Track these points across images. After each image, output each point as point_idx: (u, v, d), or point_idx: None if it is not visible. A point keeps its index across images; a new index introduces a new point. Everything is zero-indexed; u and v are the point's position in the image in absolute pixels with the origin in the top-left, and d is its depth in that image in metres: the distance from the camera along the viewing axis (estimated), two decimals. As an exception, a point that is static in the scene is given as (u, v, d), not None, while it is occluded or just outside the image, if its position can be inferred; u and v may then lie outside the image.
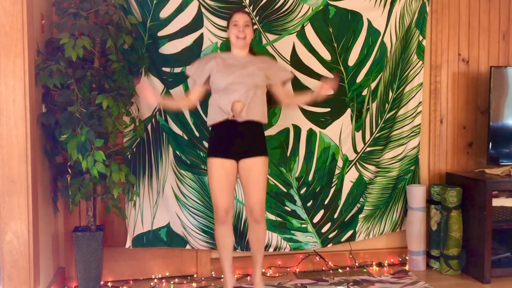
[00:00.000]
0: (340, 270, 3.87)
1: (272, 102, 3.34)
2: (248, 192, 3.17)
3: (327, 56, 3.66)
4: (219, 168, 3.11)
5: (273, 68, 3.27)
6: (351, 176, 3.82)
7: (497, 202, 3.67)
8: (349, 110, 3.75)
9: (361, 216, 3.88)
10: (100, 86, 3.15)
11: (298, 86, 3.63)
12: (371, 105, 3.80)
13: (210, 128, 3.23)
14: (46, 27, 3.21)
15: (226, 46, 3.45)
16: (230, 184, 3.15)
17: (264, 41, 3.56)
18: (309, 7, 3.60)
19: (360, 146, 3.82)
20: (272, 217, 3.70)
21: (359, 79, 3.74)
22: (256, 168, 3.14)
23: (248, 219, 3.27)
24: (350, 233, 3.87)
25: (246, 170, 3.15)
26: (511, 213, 3.73)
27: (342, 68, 3.70)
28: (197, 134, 3.54)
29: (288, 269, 3.84)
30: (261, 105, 3.16)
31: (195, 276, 3.73)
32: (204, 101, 3.47)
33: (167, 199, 3.57)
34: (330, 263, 3.91)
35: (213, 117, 3.15)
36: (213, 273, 3.72)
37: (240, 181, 3.24)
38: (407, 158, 3.94)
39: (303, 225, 3.77)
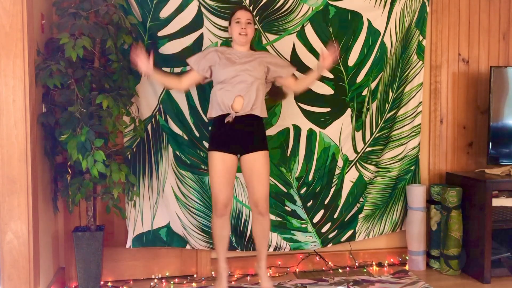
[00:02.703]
0: (340, 270, 3.87)
1: (280, 94, 3.39)
2: (252, 186, 3.19)
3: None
4: (220, 162, 3.13)
5: (277, 63, 3.28)
6: (351, 176, 3.82)
7: (497, 202, 3.67)
8: (349, 110, 3.75)
9: (361, 216, 3.88)
10: (100, 86, 3.15)
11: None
12: (371, 105, 3.80)
13: (211, 121, 3.24)
14: (46, 27, 3.21)
15: (225, 45, 3.44)
16: (230, 178, 3.17)
17: (264, 41, 3.56)
18: (309, 7, 3.61)
19: (360, 146, 3.82)
20: (272, 217, 3.69)
21: (359, 79, 3.74)
22: (258, 162, 3.16)
23: (252, 212, 3.27)
24: (350, 233, 3.87)
25: (249, 165, 3.16)
26: (511, 213, 3.73)
27: (342, 68, 3.70)
28: (197, 134, 3.54)
29: (288, 269, 3.84)
30: (261, 99, 3.17)
31: (195, 276, 3.73)
32: (204, 99, 3.48)
33: (167, 199, 3.57)
34: (330, 263, 3.91)
35: (213, 111, 3.16)
36: (213, 273, 3.72)
37: (244, 177, 3.25)
38: (407, 158, 3.94)
39: (303, 225, 3.77)
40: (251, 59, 3.15)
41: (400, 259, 4.03)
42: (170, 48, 3.43)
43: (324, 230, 3.81)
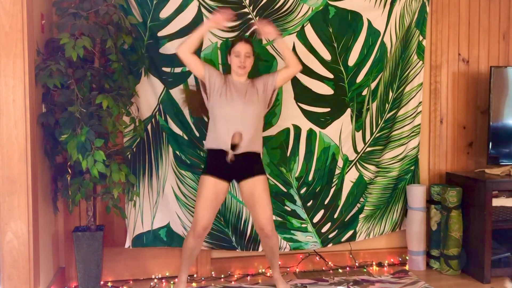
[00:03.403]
0: (340, 270, 3.87)
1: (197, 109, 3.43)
2: (255, 211, 3.21)
3: (327, 56, 3.66)
4: (211, 187, 3.14)
5: (268, 76, 3.27)
6: (351, 176, 3.82)
7: (497, 202, 3.67)
8: (349, 110, 3.75)
9: (361, 216, 3.88)
10: (100, 86, 3.15)
11: (298, 86, 3.64)
12: (371, 105, 3.80)
13: (207, 151, 3.25)
14: (46, 27, 3.21)
15: (226, 46, 3.45)
16: (217, 205, 3.19)
17: (264, 41, 3.56)
18: (309, 7, 3.60)
19: (360, 146, 3.82)
20: (272, 217, 3.70)
21: (359, 79, 3.74)
22: (258, 187, 3.18)
23: (259, 235, 3.30)
24: (350, 233, 3.87)
25: (249, 191, 3.19)
26: (511, 213, 3.73)
27: (342, 68, 3.70)
28: (197, 134, 3.55)
29: (288, 269, 3.84)
30: (259, 136, 3.22)
31: (195, 276, 3.73)
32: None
33: (167, 199, 3.57)
34: (330, 263, 3.91)
35: (210, 143, 3.19)
36: (213, 273, 3.72)
37: (244, 202, 3.28)
38: (407, 158, 3.94)
39: (303, 225, 3.77)
40: (249, 94, 3.16)
41: (400, 259, 4.03)
42: (170, 48, 3.43)
43: (324, 230, 3.81)
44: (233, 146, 3.12)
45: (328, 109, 3.72)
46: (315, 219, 3.78)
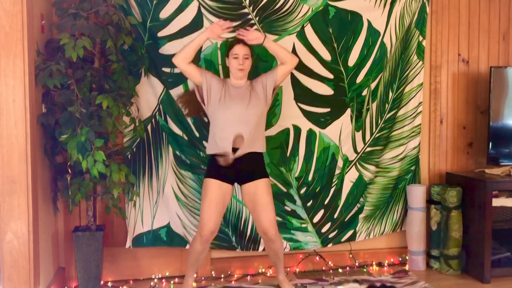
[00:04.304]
0: (340, 270, 3.87)
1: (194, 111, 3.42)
2: (258, 215, 3.18)
3: (327, 56, 3.66)
4: (216, 190, 3.12)
5: (267, 74, 3.26)
6: (351, 176, 3.82)
7: (497, 202, 3.67)
8: (349, 110, 3.75)
9: (361, 216, 3.88)
10: (100, 86, 3.15)
11: (298, 87, 3.64)
12: (371, 105, 3.80)
13: (209, 156, 3.24)
14: (46, 27, 3.21)
15: (226, 46, 3.45)
16: (222, 207, 3.17)
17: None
18: (309, 8, 3.61)
19: (360, 146, 3.83)
20: (272, 217, 3.70)
21: (359, 79, 3.74)
22: (260, 190, 3.16)
23: (262, 238, 3.30)
24: (350, 233, 3.87)
25: (251, 194, 3.17)
26: (511, 213, 3.73)
27: (342, 68, 3.70)
28: (197, 134, 3.55)
29: (288, 269, 3.84)
30: (261, 136, 3.21)
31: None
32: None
33: (167, 199, 3.57)
34: (330, 263, 3.91)
35: (212, 148, 3.18)
36: (213, 273, 3.72)
37: (247, 205, 3.26)
38: (407, 158, 3.94)
39: (303, 225, 3.77)
40: (249, 96, 3.16)
41: (400, 259, 4.03)
42: (170, 48, 3.43)
43: (324, 230, 3.81)
44: (235, 149, 3.11)
45: (328, 109, 3.72)
46: (315, 219, 3.78)
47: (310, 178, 3.74)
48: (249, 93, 3.18)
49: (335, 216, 3.81)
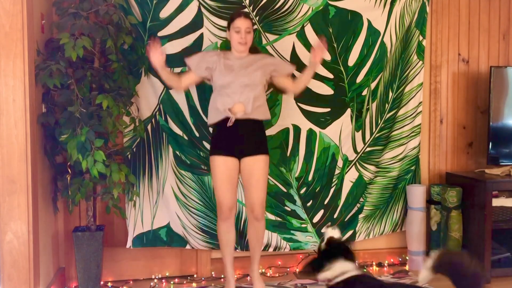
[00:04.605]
0: (340, 270, 3.86)
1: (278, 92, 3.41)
2: (249, 190, 3.19)
3: (327, 56, 3.66)
4: (222, 166, 3.13)
5: (275, 63, 3.28)
6: (351, 176, 3.82)
7: (497, 202, 3.67)
8: (349, 110, 3.75)
9: (361, 216, 3.88)
10: (100, 86, 3.15)
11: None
12: (371, 105, 3.80)
13: (211, 128, 3.24)
14: (46, 27, 3.21)
15: (225, 46, 3.45)
16: (233, 181, 3.17)
17: (264, 41, 3.56)
18: (309, 7, 3.60)
19: (360, 146, 3.82)
20: (272, 217, 3.70)
21: (359, 79, 3.74)
22: (257, 167, 3.16)
23: (248, 216, 3.28)
24: (350, 233, 3.86)
25: (248, 169, 3.16)
26: (511, 213, 3.73)
27: (342, 68, 3.70)
28: (197, 134, 3.55)
29: (288, 269, 3.84)
30: (262, 103, 3.17)
31: (195, 276, 3.73)
32: (204, 99, 3.47)
33: (167, 199, 3.57)
34: (330, 263, 3.90)
35: (213, 117, 3.17)
36: (213, 273, 3.72)
37: (242, 180, 3.25)
38: (407, 158, 3.94)
39: (303, 225, 3.77)
40: (251, 65, 3.14)
41: (400, 259, 4.03)
42: (170, 48, 3.43)
43: (324, 230, 3.80)
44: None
45: (328, 109, 3.72)
46: (315, 219, 3.78)
47: (310, 178, 3.74)
48: (250, 61, 3.14)
49: (335, 216, 3.81)
